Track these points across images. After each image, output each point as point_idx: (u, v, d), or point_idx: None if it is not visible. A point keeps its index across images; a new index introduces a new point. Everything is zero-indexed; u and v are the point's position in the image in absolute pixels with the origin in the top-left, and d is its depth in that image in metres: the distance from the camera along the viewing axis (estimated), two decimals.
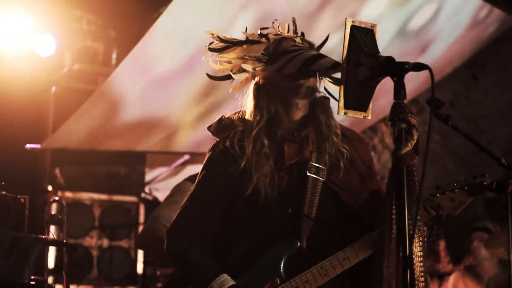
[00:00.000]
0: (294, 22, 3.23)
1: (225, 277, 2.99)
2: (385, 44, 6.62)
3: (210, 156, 3.20)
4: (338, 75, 3.14)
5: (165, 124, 7.06)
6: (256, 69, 3.10)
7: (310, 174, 3.07)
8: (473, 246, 6.53)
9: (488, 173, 3.17)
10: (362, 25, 2.59)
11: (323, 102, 3.14)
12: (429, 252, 6.59)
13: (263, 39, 3.16)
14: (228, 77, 3.20)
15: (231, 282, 2.97)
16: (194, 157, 7.74)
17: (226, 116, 3.22)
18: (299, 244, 3.01)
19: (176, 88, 6.51)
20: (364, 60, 2.53)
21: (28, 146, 6.73)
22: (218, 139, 3.20)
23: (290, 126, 3.13)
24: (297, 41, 3.14)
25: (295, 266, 3.01)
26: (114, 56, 8.15)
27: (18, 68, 7.23)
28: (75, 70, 7.73)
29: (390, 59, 2.46)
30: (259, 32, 3.19)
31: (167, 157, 8.17)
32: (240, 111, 3.22)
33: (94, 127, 6.85)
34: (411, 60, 2.47)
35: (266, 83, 3.13)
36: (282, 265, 3.01)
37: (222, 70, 3.22)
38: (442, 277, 6.75)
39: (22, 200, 4.47)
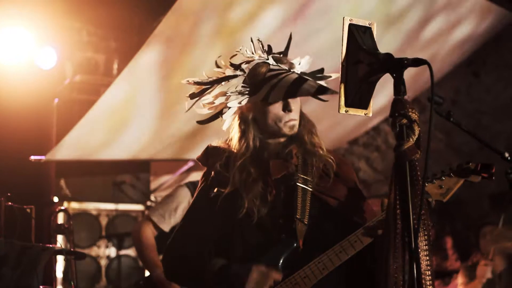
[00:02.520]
0: (259, 40, 3.23)
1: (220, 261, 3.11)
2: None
3: (202, 181, 3.27)
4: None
5: (168, 132, 7.07)
6: (242, 102, 3.14)
7: (299, 184, 3.14)
8: (482, 242, 6.49)
9: (473, 160, 3.25)
10: (360, 23, 2.60)
11: (308, 123, 3.24)
12: (437, 235, 6.59)
13: (239, 71, 3.18)
14: (216, 116, 3.23)
15: (223, 261, 3.10)
16: (199, 164, 7.74)
17: (212, 145, 3.29)
18: (295, 244, 3.05)
19: (176, 94, 6.52)
20: (363, 57, 2.55)
21: (32, 158, 6.75)
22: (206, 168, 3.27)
23: (276, 148, 3.20)
24: (271, 63, 3.17)
25: (292, 266, 3.06)
26: (115, 66, 8.17)
27: (20, 81, 7.25)
28: (76, 82, 7.76)
29: (389, 55, 2.48)
30: (229, 63, 3.21)
31: (171, 164, 8.18)
32: (227, 138, 3.28)
33: (97, 137, 6.87)
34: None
35: (251, 112, 3.19)
36: (280, 265, 3.05)
37: (209, 113, 3.24)
38: (450, 275, 6.74)
39: (28, 210, 4.48)
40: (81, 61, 7.97)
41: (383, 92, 3.55)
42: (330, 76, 3.22)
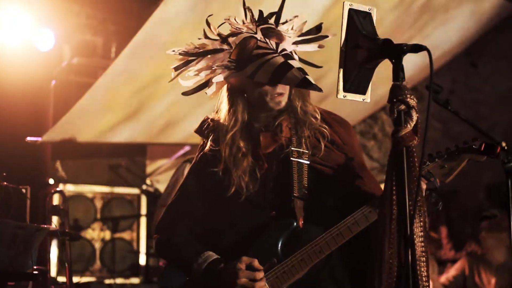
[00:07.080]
0: (248, 9, 3.11)
1: (209, 252, 3.01)
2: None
3: (197, 155, 3.24)
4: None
5: (165, 115, 7.07)
6: (227, 77, 3.07)
7: (293, 159, 3.08)
8: (482, 235, 6.48)
9: (478, 139, 3.17)
10: (360, 8, 2.59)
11: (300, 90, 3.12)
12: (432, 224, 6.55)
13: (225, 45, 3.09)
14: (201, 88, 3.14)
15: (215, 256, 3.00)
16: (195, 148, 7.73)
17: (209, 118, 3.23)
18: (295, 224, 3.03)
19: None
20: (362, 42, 2.54)
21: (28, 139, 6.75)
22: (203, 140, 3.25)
23: (266, 120, 3.14)
24: (259, 37, 3.05)
25: (292, 246, 3.01)
26: (113, 49, 8.16)
27: (18, 62, 7.24)
28: (74, 64, 7.77)
29: (388, 41, 2.46)
30: (217, 33, 3.11)
31: (167, 148, 8.18)
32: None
33: (94, 120, 6.86)
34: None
35: (239, 86, 3.11)
36: (279, 246, 3.02)
37: (193, 84, 3.15)
38: (444, 264, 6.75)
39: (24, 190, 4.48)
40: (79, 43, 7.97)
41: None
42: (327, 36, 3.09)
